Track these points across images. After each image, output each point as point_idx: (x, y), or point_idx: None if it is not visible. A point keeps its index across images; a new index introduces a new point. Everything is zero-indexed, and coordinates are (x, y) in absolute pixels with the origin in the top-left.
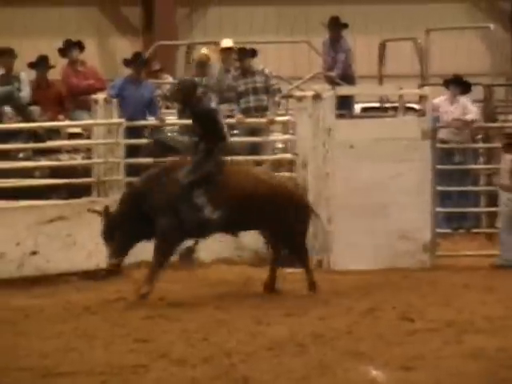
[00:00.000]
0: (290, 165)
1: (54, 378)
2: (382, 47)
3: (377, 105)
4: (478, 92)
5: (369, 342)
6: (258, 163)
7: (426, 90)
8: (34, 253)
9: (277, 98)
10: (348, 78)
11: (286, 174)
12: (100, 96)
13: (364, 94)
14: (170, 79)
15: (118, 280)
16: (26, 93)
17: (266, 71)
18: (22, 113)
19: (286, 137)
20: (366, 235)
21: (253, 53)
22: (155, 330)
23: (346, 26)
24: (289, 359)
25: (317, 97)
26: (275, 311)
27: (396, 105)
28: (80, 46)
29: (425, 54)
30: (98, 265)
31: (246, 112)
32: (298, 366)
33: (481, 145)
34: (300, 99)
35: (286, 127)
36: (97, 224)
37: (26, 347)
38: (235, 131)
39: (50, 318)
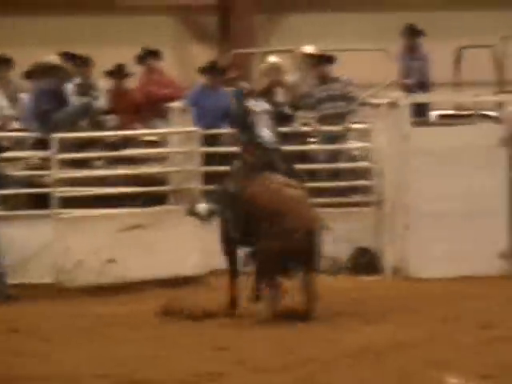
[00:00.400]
0: (367, 173)
1: None
2: (459, 54)
3: (453, 112)
4: None
5: (448, 350)
6: (336, 172)
7: (503, 96)
8: (111, 261)
9: (353, 106)
10: (424, 85)
11: (363, 182)
12: (176, 104)
13: (440, 102)
14: (246, 86)
15: (197, 288)
16: (101, 102)
17: (344, 78)
18: (97, 125)
19: (363, 145)
20: (444, 243)
21: (330, 59)
22: (233, 338)
23: (421, 33)
24: (367, 367)
25: (393, 104)
26: (354, 319)
27: (472, 112)
28: (157, 54)
29: (501, 61)
30: (178, 273)
31: (323, 119)
32: (376, 374)
33: None
34: (376, 107)
35: (363, 135)
36: (175, 232)
37: (102, 354)
38: (312, 139)
39: (130, 326)
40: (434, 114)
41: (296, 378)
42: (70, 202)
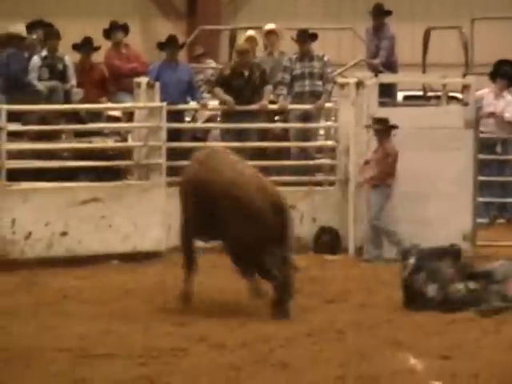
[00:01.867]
0: (331, 152)
1: (92, 360)
2: (427, 35)
3: (419, 93)
4: None
5: (408, 330)
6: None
7: (470, 79)
8: (64, 233)
9: (330, 87)
10: (391, 65)
11: (329, 161)
12: (143, 79)
13: (407, 82)
14: (212, 64)
15: (157, 263)
16: (74, 81)
17: (326, 58)
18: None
19: (329, 123)
20: (406, 223)
21: (313, 37)
22: (193, 314)
23: (389, 13)
24: (328, 346)
25: (360, 84)
26: (315, 298)
27: (439, 94)
28: (125, 28)
29: (470, 42)
30: (136, 248)
31: (300, 96)
32: (336, 353)
33: None
34: (343, 86)
35: (328, 114)
36: (135, 207)
37: (64, 328)
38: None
39: (88, 300)
40: (400, 95)
41: (256, 354)
42: (37, 176)
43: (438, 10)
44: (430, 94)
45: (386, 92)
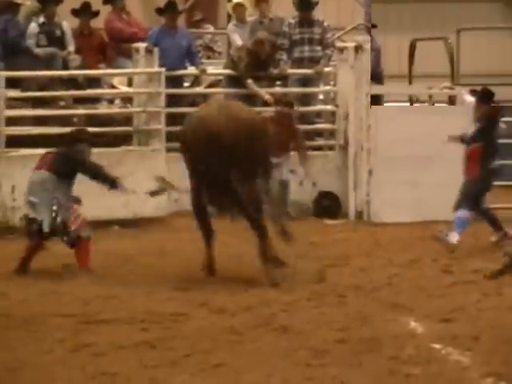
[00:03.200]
0: (331, 116)
1: (95, 325)
2: (413, 47)
3: (406, 104)
4: (508, 92)
5: (409, 293)
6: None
7: (456, 89)
8: None
9: (329, 52)
10: (377, 76)
11: (328, 126)
12: (141, 45)
13: (393, 94)
14: (211, 29)
15: (157, 228)
16: (72, 47)
17: (325, 24)
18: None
19: (328, 88)
20: (407, 188)
21: (313, 4)
22: (195, 279)
23: (375, 26)
24: (329, 310)
25: (359, 48)
26: (316, 262)
27: (425, 105)
28: None
29: (455, 53)
30: (137, 214)
31: (299, 62)
32: (337, 316)
33: None
34: (342, 50)
35: (327, 78)
36: (135, 173)
37: (67, 294)
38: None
39: (90, 266)
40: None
41: (259, 318)
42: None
43: (425, 21)
44: (416, 104)
45: (373, 103)
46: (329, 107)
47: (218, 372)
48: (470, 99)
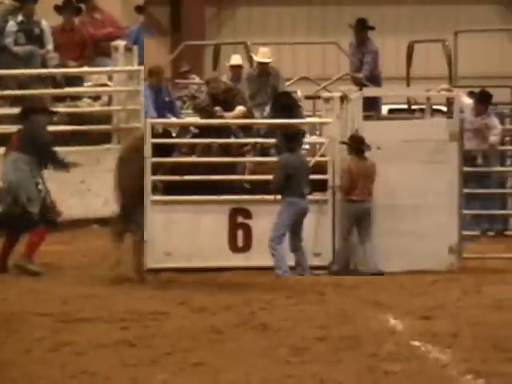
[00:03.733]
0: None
1: (75, 324)
2: (411, 49)
3: (404, 106)
4: (505, 94)
5: (389, 291)
6: None
7: (454, 92)
8: None
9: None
10: (374, 79)
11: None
12: (120, 43)
13: (391, 96)
14: (197, 79)
15: None
16: (50, 45)
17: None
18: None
19: (314, 138)
20: (391, 237)
21: None
22: (173, 279)
23: (372, 28)
24: (308, 307)
25: (344, 98)
26: None
27: (423, 107)
28: None
29: (453, 55)
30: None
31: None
32: (317, 314)
33: (508, 147)
34: (327, 100)
35: (313, 129)
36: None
37: (46, 293)
38: None
39: (69, 265)
40: (384, 108)
41: (238, 317)
42: None
43: (423, 24)
44: (414, 107)
45: (371, 106)
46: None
47: (198, 370)
48: (468, 101)
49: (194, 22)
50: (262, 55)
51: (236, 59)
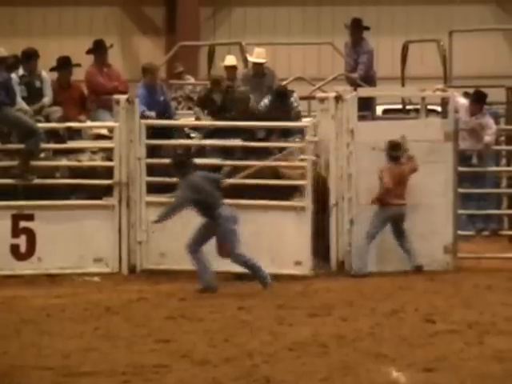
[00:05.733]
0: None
1: (76, 378)
2: (405, 49)
3: (399, 106)
4: (500, 94)
5: (391, 343)
6: None
7: (449, 92)
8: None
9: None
10: (369, 79)
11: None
12: (122, 97)
13: (386, 96)
14: (192, 80)
15: (139, 280)
16: (48, 98)
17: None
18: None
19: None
20: (388, 237)
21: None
22: (177, 331)
23: (367, 28)
24: (311, 360)
25: (339, 98)
26: (298, 311)
27: (418, 107)
28: (107, 47)
29: (448, 55)
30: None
31: None
32: (320, 366)
33: (503, 147)
34: (322, 101)
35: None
36: None
37: (48, 347)
38: None
39: (71, 318)
40: (379, 109)
41: (240, 370)
42: None
43: (418, 24)
44: (409, 107)
45: (366, 106)
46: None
47: None
48: (463, 101)
49: (189, 23)
50: (257, 55)
51: (230, 60)
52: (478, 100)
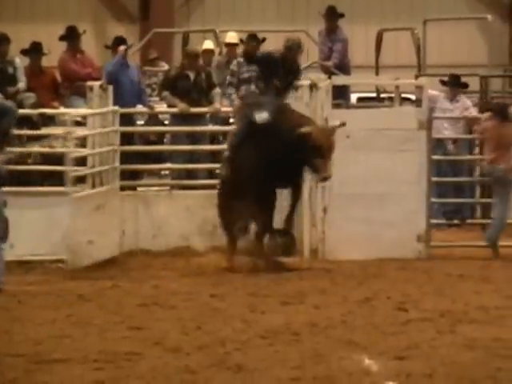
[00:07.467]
0: None
1: (48, 365)
2: (380, 37)
3: (373, 95)
4: (474, 83)
5: (363, 331)
6: None
7: (423, 80)
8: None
9: None
10: (344, 67)
11: None
12: (95, 83)
13: (360, 84)
14: (166, 67)
15: (112, 268)
16: (22, 83)
17: None
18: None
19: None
20: (361, 225)
21: (260, 40)
22: (149, 318)
23: (342, 16)
24: (283, 348)
25: (313, 86)
26: (271, 299)
27: (392, 95)
28: (80, 34)
29: (422, 44)
30: None
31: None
32: (292, 354)
33: (476, 135)
34: (296, 88)
35: None
36: None
37: (19, 333)
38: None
39: (43, 305)
40: (353, 97)
41: (213, 358)
42: None
43: (392, 12)
44: (383, 95)
45: (340, 94)
46: None
47: None
48: (434, 93)
49: (163, 10)
50: (230, 39)
51: (208, 44)
52: (455, 82)
